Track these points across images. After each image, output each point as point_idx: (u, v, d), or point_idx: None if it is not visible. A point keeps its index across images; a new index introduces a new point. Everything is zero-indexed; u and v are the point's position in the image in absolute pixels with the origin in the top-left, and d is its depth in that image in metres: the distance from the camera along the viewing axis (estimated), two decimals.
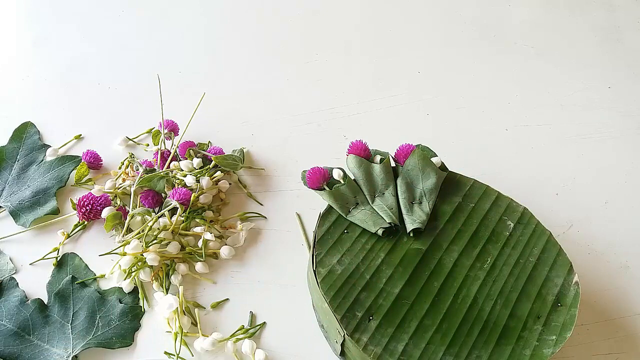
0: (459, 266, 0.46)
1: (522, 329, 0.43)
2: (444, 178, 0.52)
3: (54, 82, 0.72)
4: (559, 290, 0.46)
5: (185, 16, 0.83)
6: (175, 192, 0.54)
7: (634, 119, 0.72)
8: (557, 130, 0.70)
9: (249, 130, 0.67)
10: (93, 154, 0.61)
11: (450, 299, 0.44)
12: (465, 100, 0.73)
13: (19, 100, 0.69)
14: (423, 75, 0.76)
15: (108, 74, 0.73)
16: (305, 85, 0.74)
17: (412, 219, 0.48)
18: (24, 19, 0.81)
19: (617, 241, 0.59)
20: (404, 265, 0.46)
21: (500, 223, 0.50)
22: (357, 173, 0.52)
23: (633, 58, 0.80)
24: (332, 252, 0.46)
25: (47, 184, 0.59)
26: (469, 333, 0.42)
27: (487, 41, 0.82)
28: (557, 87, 0.76)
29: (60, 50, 0.76)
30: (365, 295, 0.44)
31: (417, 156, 0.52)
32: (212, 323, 0.51)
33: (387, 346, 0.41)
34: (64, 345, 0.48)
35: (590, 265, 0.56)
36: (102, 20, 0.81)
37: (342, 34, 0.81)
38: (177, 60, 0.76)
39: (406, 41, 0.81)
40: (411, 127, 0.69)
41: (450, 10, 0.87)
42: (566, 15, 0.87)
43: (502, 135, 0.69)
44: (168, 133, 0.61)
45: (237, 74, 0.74)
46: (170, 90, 0.67)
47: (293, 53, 0.78)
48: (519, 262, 0.47)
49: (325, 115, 0.70)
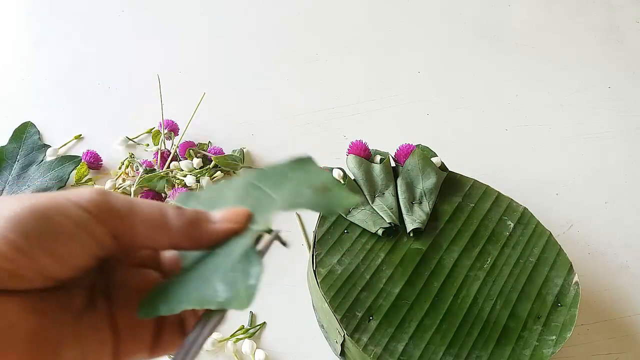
0: (459, 266, 0.46)
1: (522, 329, 0.43)
2: (444, 178, 0.52)
3: (54, 82, 0.72)
4: (559, 290, 0.46)
5: (185, 16, 0.83)
6: (175, 192, 0.54)
7: (634, 119, 0.72)
8: (557, 130, 0.70)
9: (249, 130, 0.67)
10: (93, 154, 0.61)
11: (450, 299, 0.44)
12: (465, 100, 0.73)
13: (19, 100, 0.69)
14: (423, 75, 0.76)
15: (108, 74, 0.73)
16: (305, 85, 0.74)
17: (412, 219, 0.48)
18: (24, 19, 0.81)
19: (617, 241, 0.59)
20: (404, 265, 0.46)
21: (500, 223, 0.50)
22: (357, 173, 0.52)
23: (633, 58, 0.80)
24: (332, 252, 0.46)
25: (47, 184, 0.59)
26: (469, 333, 0.42)
27: (487, 41, 0.82)
28: (557, 87, 0.76)
29: (60, 50, 0.76)
30: (365, 295, 0.44)
31: (417, 156, 0.52)
32: None
33: (387, 346, 0.41)
34: None
35: (590, 265, 0.56)
36: (102, 20, 0.81)
37: (342, 34, 0.81)
38: (177, 60, 0.76)
39: (406, 41, 0.81)
40: (411, 127, 0.69)
41: (450, 10, 0.87)
42: (566, 15, 0.87)
43: (502, 135, 0.69)
44: (168, 133, 0.61)
45: (237, 74, 0.74)
46: (170, 90, 0.67)
47: (293, 53, 0.78)
48: (519, 262, 0.47)
49: (325, 115, 0.70)
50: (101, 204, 0.22)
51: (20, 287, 0.20)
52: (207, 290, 0.22)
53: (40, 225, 0.20)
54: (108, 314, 0.23)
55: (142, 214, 0.23)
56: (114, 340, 0.23)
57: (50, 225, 0.20)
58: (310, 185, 0.25)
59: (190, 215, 0.24)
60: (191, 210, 0.24)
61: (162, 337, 0.24)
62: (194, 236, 0.24)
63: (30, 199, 0.21)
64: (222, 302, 0.21)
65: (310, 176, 0.26)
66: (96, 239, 0.22)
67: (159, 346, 0.24)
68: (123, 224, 0.22)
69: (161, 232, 0.23)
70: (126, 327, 0.23)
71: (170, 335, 0.25)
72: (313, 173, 0.26)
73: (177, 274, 0.25)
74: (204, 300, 0.22)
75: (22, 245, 0.19)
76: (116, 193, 0.23)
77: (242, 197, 0.27)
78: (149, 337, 0.24)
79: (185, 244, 0.24)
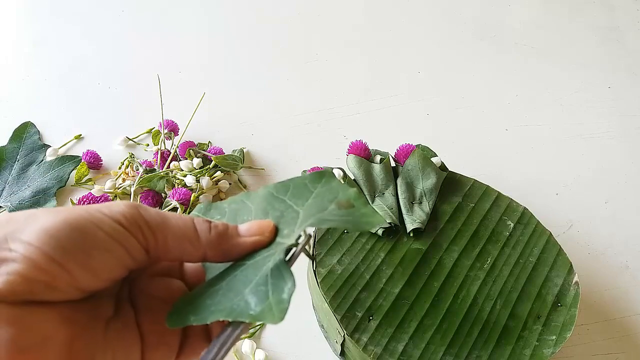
0: (459, 266, 0.46)
1: (522, 329, 0.43)
2: (444, 178, 0.52)
3: (54, 82, 0.72)
4: (559, 290, 0.46)
5: (185, 16, 0.83)
6: (175, 192, 0.54)
7: (634, 119, 0.72)
8: (557, 130, 0.70)
9: (249, 130, 0.67)
10: (93, 154, 0.61)
11: (450, 299, 0.44)
12: (465, 100, 0.73)
13: (19, 100, 0.69)
14: (423, 75, 0.76)
15: (108, 74, 0.73)
16: (305, 85, 0.74)
17: (412, 219, 0.48)
18: (24, 19, 0.81)
19: (617, 241, 0.59)
20: (404, 265, 0.46)
21: (500, 223, 0.50)
22: (357, 173, 0.52)
23: (633, 58, 0.80)
24: (332, 252, 0.46)
25: (47, 184, 0.59)
26: (469, 333, 0.42)
27: (487, 41, 0.82)
28: (557, 87, 0.76)
29: (60, 50, 0.76)
30: (365, 295, 0.44)
31: (417, 156, 0.52)
32: None
33: (387, 346, 0.41)
34: None
35: (590, 265, 0.56)
36: (102, 20, 0.81)
37: (342, 34, 0.81)
38: (177, 60, 0.76)
39: (406, 41, 0.81)
40: (411, 127, 0.69)
41: (450, 10, 0.87)
42: (566, 15, 0.87)
43: (502, 135, 0.69)
44: (168, 133, 0.61)
45: (237, 74, 0.74)
46: (170, 90, 0.67)
47: (293, 53, 0.78)
48: (519, 262, 0.47)
49: (325, 115, 0.70)
50: (135, 217, 0.22)
51: (55, 299, 0.20)
52: (238, 302, 0.22)
53: (76, 239, 0.20)
54: (134, 322, 0.24)
55: (174, 227, 0.23)
56: (141, 347, 0.23)
57: (85, 238, 0.21)
58: (333, 200, 0.26)
59: (220, 229, 0.25)
60: (221, 224, 0.25)
61: (187, 343, 0.25)
62: (223, 249, 0.25)
63: (65, 212, 0.21)
64: (255, 316, 0.22)
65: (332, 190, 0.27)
66: (129, 252, 0.22)
67: (184, 352, 0.25)
68: (155, 237, 0.23)
69: (192, 246, 0.24)
70: (152, 334, 0.24)
71: (196, 342, 0.25)
72: (335, 187, 0.27)
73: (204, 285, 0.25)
74: (236, 313, 0.22)
75: (58, 258, 0.20)
76: (148, 207, 0.23)
77: (265, 210, 0.27)
78: (175, 344, 0.24)
79: (214, 257, 0.25)
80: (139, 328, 0.24)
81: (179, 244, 0.23)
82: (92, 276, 0.21)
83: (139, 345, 0.23)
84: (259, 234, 0.26)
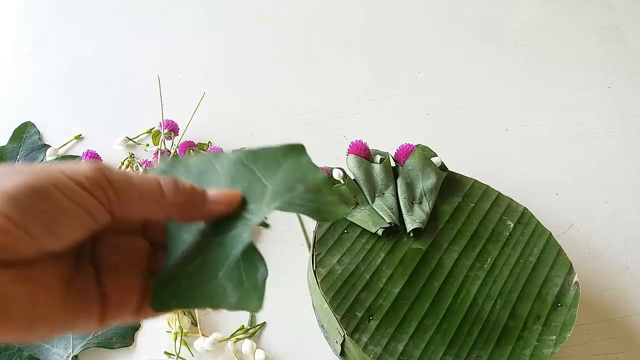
0: (459, 266, 0.46)
1: (522, 329, 0.43)
2: (444, 178, 0.52)
3: (54, 82, 0.72)
4: (559, 290, 0.46)
5: (185, 16, 0.83)
6: None
7: (634, 119, 0.72)
8: (557, 130, 0.70)
9: (249, 130, 0.67)
10: (93, 154, 0.61)
11: (450, 299, 0.44)
12: (465, 100, 0.73)
13: (19, 100, 0.69)
14: (423, 75, 0.76)
15: (108, 74, 0.73)
16: (305, 85, 0.74)
17: (412, 219, 0.48)
18: (24, 19, 0.81)
19: (617, 241, 0.59)
20: (404, 265, 0.46)
21: (500, 223, 0.50)
22: (357, 173, 0.52)
23: (633, 58, 0.80)
24: (332, 252, 0.46)
25: None
26: (469, 333, 0.42)
27: (487, 41, 0.82)
28: (557, 87, 0.76)
29: (60, 50, 0.76)
30: (365, 295, 0.44)
31: (417, 156, 0.52)
32: (212, 323, 0.51)
33: (387, 346, 0.41)
34: (64, 345, 0.48)
35: (590, 265, 0.56)
36: (102, 20, 0.81)
37: (342, 34, 0.81)
38: (177, 60, 0.76)
39: (406, 41, 0.81)
40: (411, 127, 0.69)
41: (450, 10, 0.87)
42: (566, 15, 0.87)
43: (502, 135, 0.69)
44: (168, 133, 0.61)
45: (237, 74, 0.74)
46: (170, 90, 0.67)
47: (293, 53, 0.78)
48: (519, 262, 0.47)
49: (325, 115, 0.70)
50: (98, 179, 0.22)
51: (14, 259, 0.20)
52: (215, 287, 0.23)
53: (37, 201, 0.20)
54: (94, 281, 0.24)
55: (138, 187, 0.23)
56: (103, 305, 0.23)
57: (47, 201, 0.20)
58: (302, 180, 0.25)
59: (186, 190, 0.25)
60: (189, 185, 0.25)
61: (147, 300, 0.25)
62: (188, 211, 0.25)
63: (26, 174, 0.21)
64: (234, 304, 0.22)
65: (302, 169, 0.26)
66: (92, 215, 0.22)
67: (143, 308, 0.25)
68: (119, 198, 0.22)
69: (157, 204, 0.24)
70: (114, 292, 0.24)
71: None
72: (304, 166, 0.27)
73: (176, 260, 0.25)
74: (216, 301, 0.22)
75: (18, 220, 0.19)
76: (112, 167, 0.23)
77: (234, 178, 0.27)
78: (137, 301, 0.24)
79: (178, 217, 0.25)
80: (101, 287, 0.24)
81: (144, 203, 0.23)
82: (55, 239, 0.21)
83: (100, 303, 0.23)
84: (227, 204, 0.26)
